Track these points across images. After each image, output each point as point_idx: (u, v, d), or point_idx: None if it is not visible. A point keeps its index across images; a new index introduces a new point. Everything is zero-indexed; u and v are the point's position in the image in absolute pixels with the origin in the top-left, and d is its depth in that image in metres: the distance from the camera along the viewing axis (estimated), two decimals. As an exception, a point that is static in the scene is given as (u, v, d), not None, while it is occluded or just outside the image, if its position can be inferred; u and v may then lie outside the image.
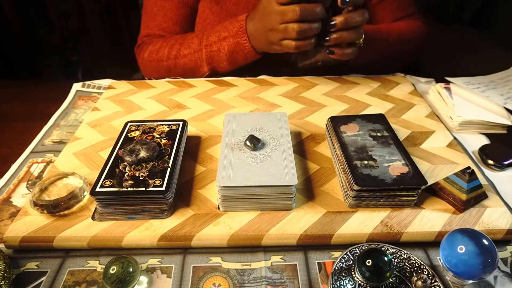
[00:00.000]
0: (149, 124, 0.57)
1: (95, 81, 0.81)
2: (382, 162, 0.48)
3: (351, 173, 0.46)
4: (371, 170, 0.47)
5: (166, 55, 0.81)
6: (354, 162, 0.48)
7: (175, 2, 0.86)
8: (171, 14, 0.86)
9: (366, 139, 0.53)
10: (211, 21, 0.83)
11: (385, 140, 0.52)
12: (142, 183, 0.45)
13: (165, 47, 0.82)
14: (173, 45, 0.81)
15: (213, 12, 0.82)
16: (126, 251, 0.44)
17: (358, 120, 0.57)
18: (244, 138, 0.52)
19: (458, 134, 0.63)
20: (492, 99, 0.66)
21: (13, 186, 0.54)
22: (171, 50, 0.81)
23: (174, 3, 0.86)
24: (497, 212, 0.46)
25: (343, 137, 0.53)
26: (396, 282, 0.38)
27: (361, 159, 0.49)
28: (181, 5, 0.86)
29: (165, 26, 0.87)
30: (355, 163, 0.48)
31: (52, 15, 1.67)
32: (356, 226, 0.44)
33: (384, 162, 0.48)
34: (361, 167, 0.48)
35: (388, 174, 0.46)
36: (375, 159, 0.49)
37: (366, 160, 0.49)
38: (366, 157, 0.49)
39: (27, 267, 0.43)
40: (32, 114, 0.72)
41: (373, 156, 0.49)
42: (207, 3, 0.83)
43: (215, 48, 0.75)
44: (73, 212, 0.47)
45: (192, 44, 0.78)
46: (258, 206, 0.46)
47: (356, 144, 0.52)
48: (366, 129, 0.55)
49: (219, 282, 0.40)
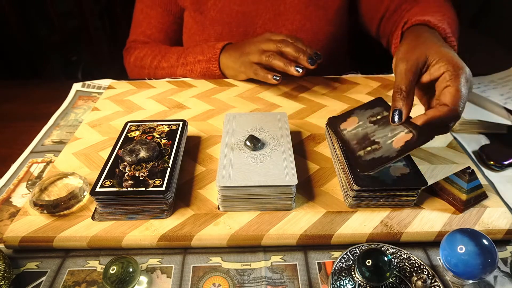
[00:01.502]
0: (149, 124, 0.57)
1: (95, 81, 0.81)
2: (385, 140, 0.47)
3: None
4: (375, 153, 0.46)
5: (148, 63, 0.85)
6: (357, 153, 0.48)
7: (160, 10, 0.89)
8: (155, 22, 0.90)
9: (367, 127, 0.52)
10: (196, 30, 0.85)
11: (386, 120, 0.51)
12: (142, 183, 0.45)
13: (149, 56, 0.85)
14: (155, 56, 0.84)
15: (197, 21, 0.84)
16: (126, 251, 0.44)
17: (356, 112, 0.56)
18: (244, 138, 0.52)
19: (458, 134, 0.63)
20: (492, 99, 0.66)
21: (13, 186, 0.54)
22: (153, 60, 0.84)
23: (158, 11, 0.89)
24: (497, 212, 0.46)
25: (344, 134, 0.53)
26: (396, 282, 0.38)
27: (363, 147, 0.48)
28: (165, 13, 0.89)
29: (149, 33, 0.91)
30: (358, 154, 0.48)
31: (52, 15, 1.67)
32: (356, 226, 0.44)
33: (387, 140, 0.47)
34: (364, 155, 0.47)
35: (392, 149, 0.45)
36: (378, 142, 0.48)
37: (369, 147, 0.48)
38: (369, 143, 0.49)
39: (27, 267, 0.43)
40: (32, 114, 0.72)
41: (376, 140, 0.49)
42: (191, 12, 0.85)
43: (189, 68, 0.79)
44: (73, 212, 0.47)
45: (171, 59, 0.82)
46: (258, 206, 0.46)
47: (357, 136, 0.51)
48: (366, 117, 0.54)
49: (219, 282, 0.40)
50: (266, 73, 0.68)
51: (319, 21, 0.82)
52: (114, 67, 1.73)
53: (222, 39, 0.82)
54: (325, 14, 0.82)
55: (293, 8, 0.82)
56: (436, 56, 0.49)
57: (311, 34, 0.82)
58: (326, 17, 0.83)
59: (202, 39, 0.84)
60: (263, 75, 0.69)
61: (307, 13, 0.82)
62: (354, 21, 0.89)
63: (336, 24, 0.84)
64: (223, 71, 0.77)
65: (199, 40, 0.85)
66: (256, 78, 0.71)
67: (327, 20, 0.83)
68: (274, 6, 0.82)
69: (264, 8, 0.82)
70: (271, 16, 0.82)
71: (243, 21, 0.82)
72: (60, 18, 1.69)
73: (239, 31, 0.83)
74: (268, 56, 0.68)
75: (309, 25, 0.82)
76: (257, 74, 0.70)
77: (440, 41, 0.57)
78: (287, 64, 0.66)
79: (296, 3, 0.81)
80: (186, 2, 0.85)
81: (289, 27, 0.82)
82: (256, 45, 0.71)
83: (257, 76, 0.70)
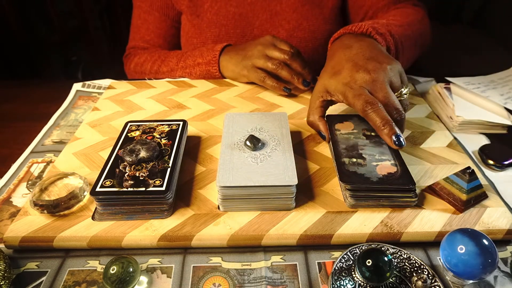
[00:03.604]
0: (149, 124, 0.57)
1: (95, 81, 0.81)
2: (371, 161, 0.48)
3: (338, 170, 0.46)
4: (358, 168, 0.47)
5: (148, 69, 0.86)
6: (342, 159, 0.49)
7: (157, 15, 0.89)
8: (153, 27, 0.90)
9: (359, 137, 0.53)
10: (193, 33, 0.85)
11: (378, 140, 0.52)
12: (142, 183, 0.45)
13: (148, 62, 0.86)
14: (155, 61, 0.85)
15: (194, 24, 0.84)
16: (126, 251, 0.44)
17: (354, 119, 0.57)
18: (244, 138, 0.52)
19: (458, 134, 0.63)
20: (492, 99, 0.66)
21: (13, 186, 0.54)
22: (153, 65, 0.85)
23: (156, 16, 0.89)
24: (497, 212, 0.46)
25: (336, 134, 0.54)
26: (396, 282, 0.38)
27: (350, 156, 0.49)
28: (163, 18, 0.90)
29: (148, 38, 0.91)
30: (343, 160, 0.48)
31: (52, 15, 1.67)
32: (356, 226, 0.44)
33: (373, 161, 0.48)
34: (348, 164, 0.48)
35: (374, 173, 0.46)
36: (364, 158, 0.49)
37: (355, 158, 0.49)
38: (356, 155, 0.49)
39: (27, 267, 0.43)
40: (32, 114, 0.72)
41: (363, 155, 0.49)
42: (188, 15, 0.85)
43: (188, 71, 0.80)
44: (73, 212, 0.47)
45: (170, 63, 0.82)
46: (258, 206, 0.46)
47: (348, 142, 0.52)
48: (361, 128, 0.55)
49: (219, 282, 0.40)
50: (276, 83, 0.70)
51: (315, 20, 0.82)
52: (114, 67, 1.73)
53: (219, 41, 0.83)
54: (321, 12, 0.83)
55: (289, 7, 0.82)
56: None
57: (308, 32, 0.82)
58: (322, 15, 0.83)
59: (200, 42, 0.84)
60: (272, 85, 0.70)
61: (304, 12, 0.82)
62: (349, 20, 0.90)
63: (333, 22, 0.84)
64: (223, 73, 0.77)
65: (196, 43, 0.85)
66: (262, 85, 0.72)
67: (324, 18, 0.83)
68: (270, 6, 0.82)
69: (261, 8, 0.82)
70: (267, 17, 0.82)
71: (240, 22, 0.82)
72: (60, 18, 1.70)
73: (236, 33, 0.83)
74: (275, 65, 0.69)
75: (306, 24, 0.82)
76: (264, 82, 0.70)
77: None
78: (294, 77, 0.69)
79: (292, 2, 0.82)
80: (182, 6, 0.85)
81: (286, 27, 0.82)
82: (258, 49, 0.71)
83: (264, 84, 0.71)
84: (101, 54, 1.83)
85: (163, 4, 0.88)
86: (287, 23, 0.82)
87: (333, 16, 0.84)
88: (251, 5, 0.82)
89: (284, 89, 0.70)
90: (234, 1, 0.82)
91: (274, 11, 0.82)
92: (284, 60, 0.69)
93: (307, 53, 0.83)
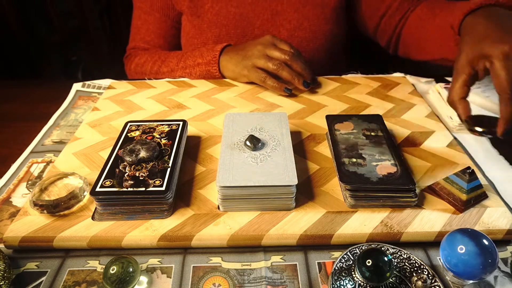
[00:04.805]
0: (149, 124, 0.57)
1: (95, 81, 0.81)
2: (371, 161, 0.48)
3: (338, 170, 0.46)
4: (358, 168, 0.47)
5: (148, 70, 0.86)
6: (342, 159, 0.49)
7: (157, 16, 0.89)
8: (154, 27, 0.90)
9: (359, 137, 0.53)
10: (194, 33, 0.85)
11: (378, 140, 0.52)
12: (142, 183, 0.45)
13: (149, 62, 0.86)
14: (155, 61, 0.85)
15: (194, 25, 0.84)
16: (126, 251, 0.44)
17: (354, 119, 0.57)
18: (244, 138, 0.52)
19: (458, 134, 0.63)
20: (492, 99, 0.66)
21: (13, 186, 0.54)
22: (153, 66, 0.85)
23: (156, 17, 0.89)
24: (497, 212, 0.46)
25: (336, 134, 0.54)
26: (396, 282, 0.38)
27: (350, 156, 0.49)
28: (163, 19, 0.90)
29: (149, 39, 0.91)
30: (343, 160, 0.48)
31: (52, 15, 1.67)
32: (356, 226, 0.44)
33: (373, 161, 0.48)
34: (348, 164, 0.48)
35: (374, 173, 0.46)
36: (364, 158, 0.49)
37: (354, 158, 0.49)
38: (356, 155, 0.49)
39: (27, 267, 0.43)
40: (32, 114, 0.72)
41: (363, 155, 0.49)
42: (188, 16, 0.85)
43: (188, 71, 0.79)
44: (73, 212, 0.47)
45: (170, 64, 0.82)
46: (258, 206, 0.46)
47: (348, 142, 0.52)
48: (361, 128, 0.55)
49: (219, 282, 0.40)
50: (277, 83, 0.70)
51: (316, 19, 0.82)
52: (114, 67, 1.73)
53: (220, 42, 0.82)
54: (322, 12, 0.83)
55: (290, 7, 0.82)
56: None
57: (309, 32, 0.82)
58: (323, 15, 0.83)
59: (200, 42, 0.84)
60: (272, 85, 0.70)
61: (305, 12, 0.82)
62: (351, 19, 0.90)
63: (334, 22, 0.84)
64: (223, 73, 0.77)
65: (197, 44, 0.85)
66: (262, 85, 0.72)
67: (325, 18, 0.83)
68: (271, 6, 0.82)
69: (261, 8, 0.82)
70: (268, 16, 0.82)
71: (241, 22, 0.82)
72: (60, 18, 1.70)
73: (237, 33, 0.83)
74: (276, 65, 0.69)
75: (307, 24, 0.82)
76: (265, 82, 0.70)
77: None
78: (295, 78, 0.69)
79: (293, 2, 0.81)
80: (183, 6, 0.85)
81: (287, 27, 0.82)
82: (258, 49, 0.71)
83: (265, 84, 0.71)
84: (101, 54, 1.83)
85: (163, 5, 0.88)
86: (288, 23, 0.82)
87: (335, 16, 0.84)
88: (251, 5, 0.82)
89: (285, 90, 0.70)
90: (234, 2, 0.82)
91: (275, 11, 0.82)
92: (284, 61, 0.69)
93: (308, 53, 0.83)
